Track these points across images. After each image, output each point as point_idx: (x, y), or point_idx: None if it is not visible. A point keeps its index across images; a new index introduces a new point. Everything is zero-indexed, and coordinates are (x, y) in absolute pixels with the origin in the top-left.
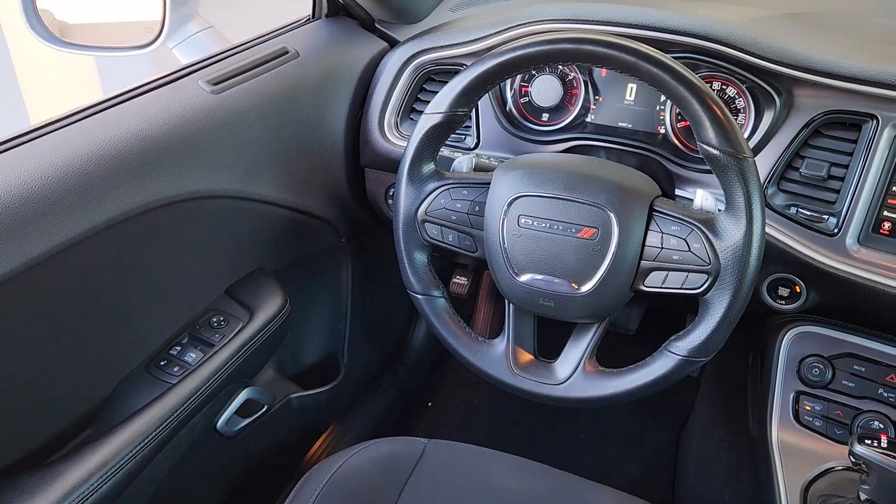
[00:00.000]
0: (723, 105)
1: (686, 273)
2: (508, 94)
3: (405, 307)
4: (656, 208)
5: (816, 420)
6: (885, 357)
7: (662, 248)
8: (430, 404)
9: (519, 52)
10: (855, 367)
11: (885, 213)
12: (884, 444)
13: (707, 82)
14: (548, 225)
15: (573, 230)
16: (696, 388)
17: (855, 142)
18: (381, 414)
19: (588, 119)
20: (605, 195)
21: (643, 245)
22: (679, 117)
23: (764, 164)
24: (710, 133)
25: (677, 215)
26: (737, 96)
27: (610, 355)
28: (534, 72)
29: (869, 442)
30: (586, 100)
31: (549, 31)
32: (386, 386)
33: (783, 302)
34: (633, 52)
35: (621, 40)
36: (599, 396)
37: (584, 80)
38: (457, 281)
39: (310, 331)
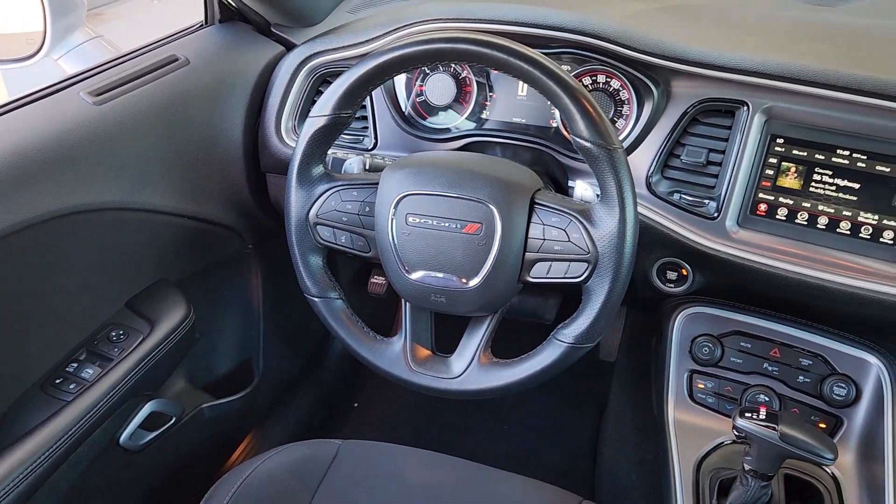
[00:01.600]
0: (591, 99)
1: (568, 262)
2: (403, 94)
3: None
4: (537, 201)
5: (709, 397)
6: (768, 333)
7: (545, 239)
8: (355, 405)
9: (396, 53)
10: (742, 343)
11: (761, 195)
12: (762, 416)
13: (592, 75)
14: (434, 222)
15: (459, 226)
16: (612, 373)
17: (730, 128)
18: (304, 417)
19: (484, 115)
20: (488, 190)
21: (526, 237)
22: None
23: (648, 152)
24: (580, 126)
25: (557, 207)
26: (621, 88)
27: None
28: (427, 70)
29: (749, 415)
30: (481, 97)
31: (431, 31)
32: (307, 389)
33: (672, 285)
34: (504, 49)
35: (494, 38)
36: (494, 387)
37: (476, 78)
38: (375, 281)
39: (222, 339)
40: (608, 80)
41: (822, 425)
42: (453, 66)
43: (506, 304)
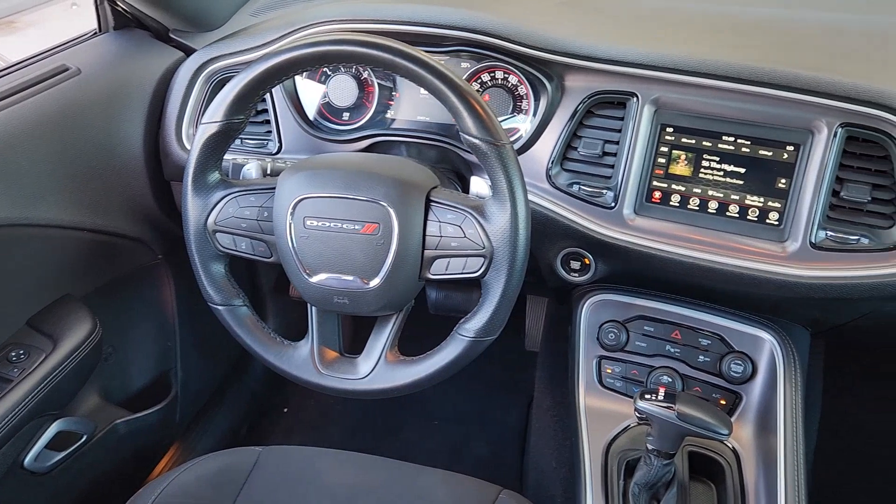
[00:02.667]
0: (478, 96)
1: (465, 258)
2: (307, 96)
3: None
4: (433, 198)
5: (617, 381)
6: (669, 315)
7: (441, 236)
8: (285, 410)
9: (283, 58)
10: (645, 327)
11: (655, 182)
12: (661, 397)
13: (490, 72)
14: (332, 224)
15: (357, 227)
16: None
17: (622, 119)
18: (231, 426)
19: (389, 115)
20: (383, 190)
21: (424, 235)
22: None
23: (546, 146)
24: (468, 123)
25: (452, 204)
26: (519, 84)
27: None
28: (329, 72)
29: (649, 397)
30: (385, 96)
31: (321, 33)
32: (234, 397)
33: (576, 274)
34: (389, 49)
35: (379, 39)
36: (401, 385)
37: (379, 80)
38: None
39: (136, 352)
40: (506, 76)
41: (723, 402)
42: (354, 67)
43: (409, 302)
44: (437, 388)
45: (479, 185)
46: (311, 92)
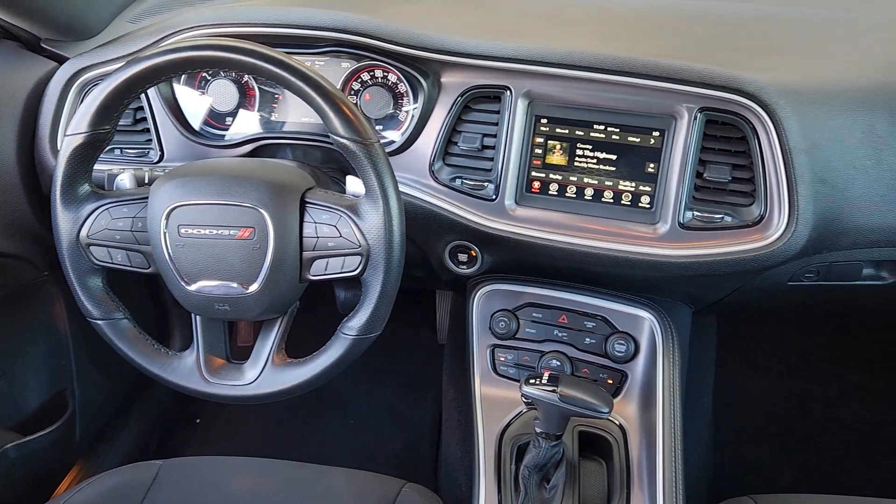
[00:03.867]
0: (343, 96)
1: (342, 257)
2: (187, 103)
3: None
4: (307, 200)
5: (510, 368)
6: (555, 301)
7: (318, 237)
8: (197, 421)
9: (144, 65)
10: (534, 314)
11: (533, 173)
12: (545, 381)
13: (370, 71)
14: (207, 231)
15: (232, 232)
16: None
17: (498, 113)
18: (138, 441)
19: (273, 118)
20: (256, 194)
21: (301, 237)
22: None
23: (427, 142)
24: (335, 124)
25: (326, 204)
26: (398, 82)
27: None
28: (208, 77)
29: (534, 381)
30: (268, 100)
31: (187, 39)
32: (140, 411)
33: (465, 266)
34: (250, 53)
35: (241, 43)
36: (288, 388)
37: (258, 83)
38: None
39: (28, 373)
40: (385, 74)
41: (610, 381)
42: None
43: (293, 304)
44: (353, 387)
45: (354, 183)
46: (194, 98)
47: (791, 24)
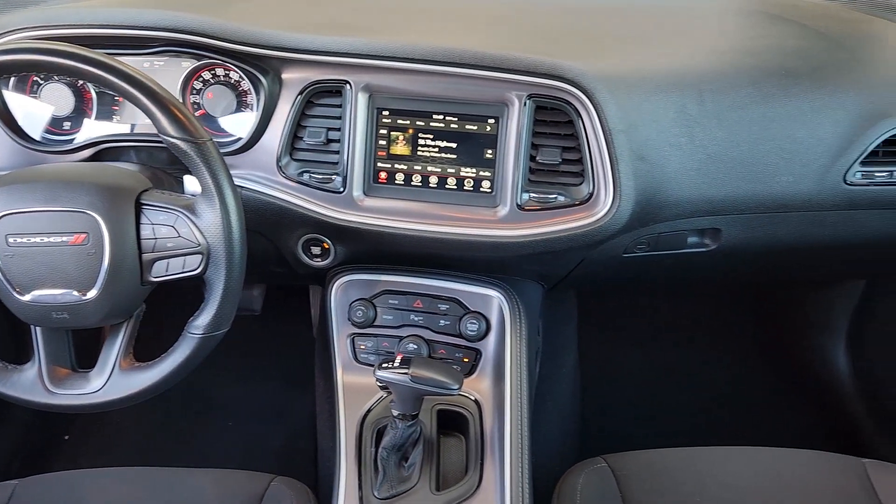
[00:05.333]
0: (170, 95)
1: (183, 257)
2: (24, 109)
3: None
4: (143, 201)
5: (371, 356)
6: (410, 287)
7: (157, 238)
8: (66, 437)
9: None
10: (390, 301)
11: (379, 164)
12: (397, 364)
13: (211, 69)
14: (38, 239)
15: (65, 239)
16: None
17: (341, 107)
18: None
19: (115, 120)
20: (87, 199)
21: (138, 239)
22: None
23: (273, 138)
24: (164, 124)
25: (162, 205)
26: (241, 80)
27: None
28: (40, 81)
29: (386, 365)
30: (107, 102)
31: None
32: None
33: (319, 259)
34: (68, 55)
35: (56, 45)
36: (138, 392)
37: (94, 85)
38: None
39: None
40: (227, 73)
41: (466, 360)
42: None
43: (138, 307)
44: (232, 387)
45: (192, 183)
46: (30, 104)
47: (617, 14)
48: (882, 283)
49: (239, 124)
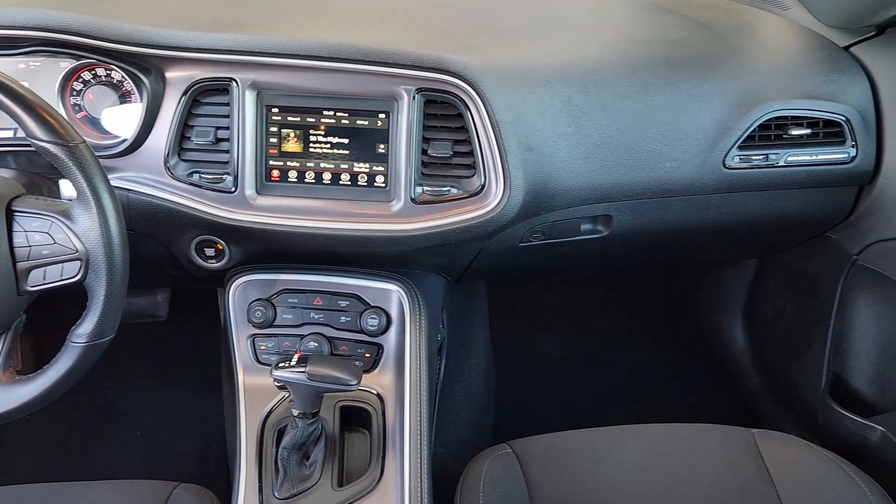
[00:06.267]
0: (37, 97)
1: (60, 264)
2: None
3: None
4: (14, 208)
5: (272, 356)
6: (310, 285)
7: (31, 245)
8: None
9: None
10: (289, 300)
11: (271, 162)
12: (294, 363)
13: (91, 69)
14: None
15: None
16: None
17: (229, 105)
18: None
19: None
20: None
21: (11, 248)
22: None
23: (160, 139)
24: (31, 127)
25: (36, 211)
26: (123, 80)
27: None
28: None
29: (283, 365)
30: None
31: None
32: None
33: (213, 261)
34: None
35: None
36: (17, 407)
37: None
38: None
39: None
40: (108, 73)
41: (368, 355)
42: None
43: (16, 318)
44: (139, 395)
45: (68, 187)
46: None
47: (511, 8)
48: (770, 262)
49: (123, 125)
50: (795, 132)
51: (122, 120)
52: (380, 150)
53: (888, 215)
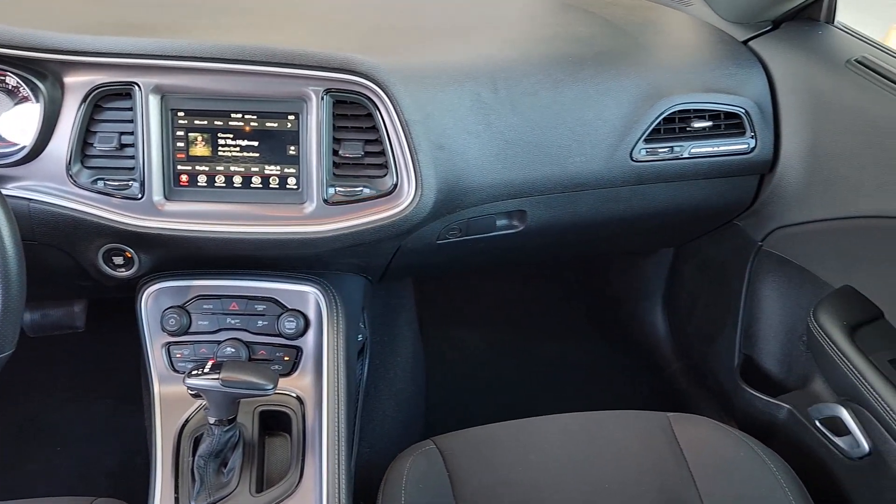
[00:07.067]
0: None
1: None
2: None
3: None
4: None
5: (188, 364)
6: (225, 290)
7: None
8: None
9: None
10: (205, 306)
11: (179, 167)
12: (207, 370)
13: None
14: None
15: None
16: None
17: (132, 109)
18: None
19: None
20: None
21: None
22: None
23: (61, 145)
24: None
25: None
26: (18, 85)
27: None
28: None
29: (197, 372)
30: None
31: None
32: None
33: (123, 269)
34: None
35: None
36: None
37: None
38: None
39: None
40: (2, 78)
41: (286, 358)
42: None
43: None
44: (59, 410)
45: None
46: None
47: (427, 8)
48: (684, 251)
49: (21, 133)
50: (698, 125)
51: (19, 127)
52: (290, 152)
53: (788, 202)
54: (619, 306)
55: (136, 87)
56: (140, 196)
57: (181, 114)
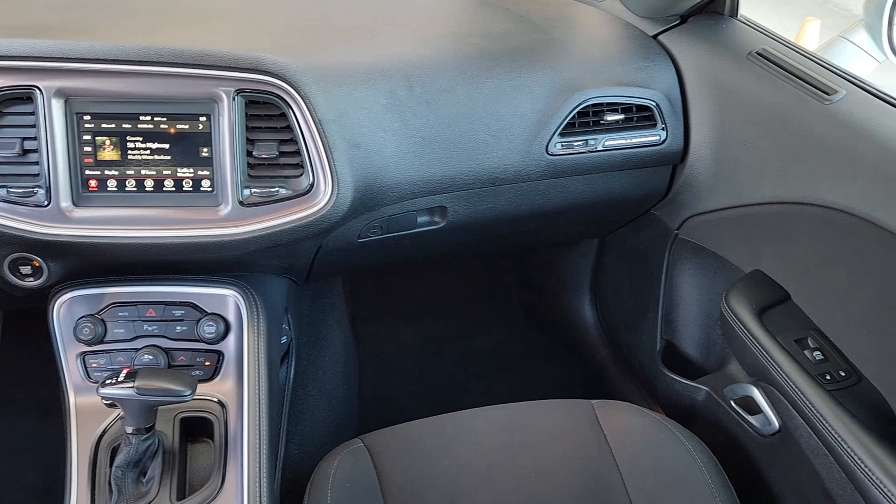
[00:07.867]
0: None
1: None
2: None
3: None
4: None
5: (105, 373)
6: (141, 296)
7: None
8: None
9: None
10: (120, 314)
11: (88, 172)
12: (122, 378)
13: None
14: None
15: None
16: None
17: (34, 114)
18: None
19: None
20: None
21: None
22: None
23: None
24: None
25: None
26: None
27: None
28: None
29: (110, 381)
30: None
31: None
32: None
33: (32, 279)
34: None
35: None
36: None
37: None
38: None
39: None
40: None
41: (208, 363)
42: None
43: None
44: None
45: None
46: None
47: (346, 6)
48: (608, 241)
49: None
50: (611, 118)
51: None
52: (203, 154)
53: (699, 191)
54: (549, 297)
55: (38, 91)
56: (46, 203)
57: (87, 117)
